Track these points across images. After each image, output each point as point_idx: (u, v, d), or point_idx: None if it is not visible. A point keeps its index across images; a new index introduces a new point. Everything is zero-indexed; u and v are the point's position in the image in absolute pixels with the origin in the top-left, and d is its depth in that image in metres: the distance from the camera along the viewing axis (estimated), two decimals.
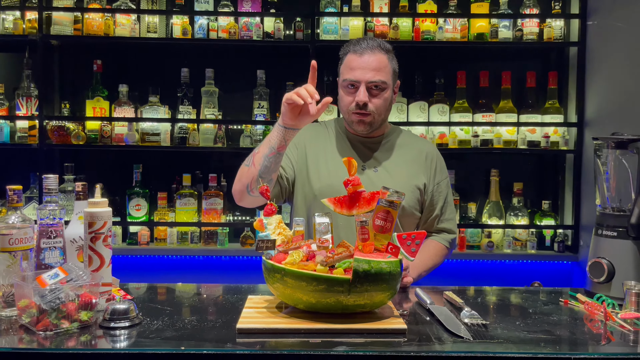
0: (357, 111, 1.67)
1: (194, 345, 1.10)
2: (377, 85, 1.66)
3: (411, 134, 1.92)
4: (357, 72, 1.66)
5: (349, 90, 1.69)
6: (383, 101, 1.69)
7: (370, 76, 1.65)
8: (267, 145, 1.57)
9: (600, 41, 2.73)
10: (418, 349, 1.09)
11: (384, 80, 1.67)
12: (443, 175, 1.82)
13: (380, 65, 1.67)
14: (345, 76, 1.68)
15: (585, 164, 2.80)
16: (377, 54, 1.67)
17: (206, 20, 2.83)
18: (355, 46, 1.69)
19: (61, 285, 1.18)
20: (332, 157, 1.76)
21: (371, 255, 1.22)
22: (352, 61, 1.68)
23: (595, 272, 1.49)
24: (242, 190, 1.63)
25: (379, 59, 1.67)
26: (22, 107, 2.78)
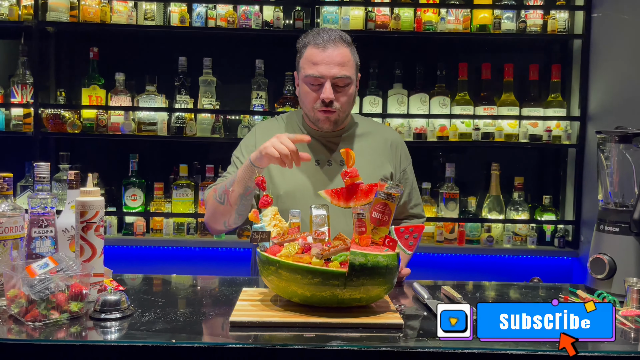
0: (322, 109, 1.61)
1: (186, 338, 1.08)
2: (342, 80, 1.60)
3: (373, 122, 1.87)
4: (321, 68, 1.58)
5: (313, 87, 1.61)
6: (348, 97, 1.63)
7: (336, 72, 1.58)
8: (242, 185, 1.51)
9: (605, 34, 2.69)
10: (414, 344, 1.07)
11: (349, 75, 1.60)
12: (407, 162, 1.81)
13: (344, 59, 1.60)
14: (308, 72, 1.60)
15: (588, 159, 2.77)
16: (340, 48, 1.60)
17: (204, 8, 2.79)
18: (317, 38, 1.61)
19: (51, 276, 1.16)
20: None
21: (368, 249, 1.20)
22: (315, 55, 1.59)
23: (597, 268, 1.46)
24: (219, 227, 1.64)
25: (343, 52, 1.60)
26: (17, 95, 2.75)
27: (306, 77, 1.61)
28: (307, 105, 1.65)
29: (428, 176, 2.91)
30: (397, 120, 2.84)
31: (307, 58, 1.62)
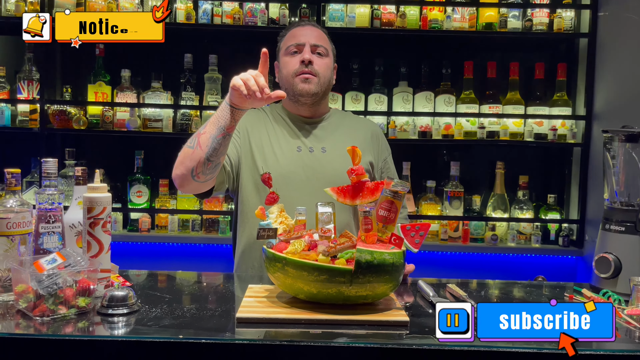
0: (302, 71, 1.68)
1: (193, 334, 1.08)
2: (319, 50, 1.71)
3: (353, 115, 1.92)
4: (301, 38, 1.71)
5: (293, 54, 1.71)
6: (326, 66, 1.72)
7: (315, 40, 1.71)
8: (214, 125, 1.45)
9: (611, 33, 2.68)
10: (420, 342, 1.07)
11: (326, 47, 1.73)
12: (388, 152, 1.86)
13: (322, 36, 1.75)
14: (289, 43, 1.72)
15: (593, 158, 2.76)
16: (318, 29, 1.76)
17: (210, 5, 2.79)
18: (297, 23, 1.80)
19: (59, 271, 1.17)
20: (276, 141, 1.72)
21: (374, 246, 1.20)
22: (295, 31, 1.74)
23: (602, 267, 1.46)
24: (186, 175, 1.50)
25: (320, 32, 1.76)
26: (24, 91, 2.76)
27: (287, 48, 1.72)
28: (287, 74, 1.72)
29: (432, 174, 2.91)
30: (402, 118, 2.84)
31: (288, 36, 1.75)
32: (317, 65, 1.69)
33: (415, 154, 2.91)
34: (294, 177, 1.65)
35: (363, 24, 2.78)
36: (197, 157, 1.47)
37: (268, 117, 1.79)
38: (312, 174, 1.66)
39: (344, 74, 2.90)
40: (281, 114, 1.79)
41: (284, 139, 1.73)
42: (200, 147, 1.47)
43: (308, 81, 1.68)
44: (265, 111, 1.81)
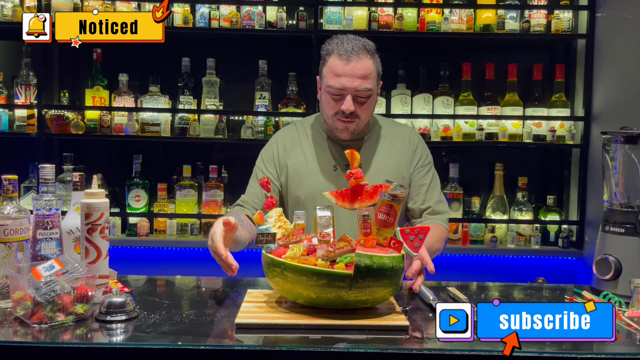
0: (342, 119, 1.63)
1: (192, 340, 1.08)
2: (363, 93, 1.61)
3: (393, 123, 1.87)
4: (343, 80, 1.59)
5: (334, 97, 1.63)
6: (368, 107, 1.65)
7: (358, 85, 1.59)
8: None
9: (609, 34, 2.69)
10: (420, 346, 1.07)
11: (370, 87, 1.62)
12: (422, 160, 1.80)
13: (367, 72, 1.61)
14: (330, 82, 1.61)
15: (592, 159, 2.76)
16: (363, 60, 1.60)
17: (208, 9, 2.79)
18: (340, 48, 1.61)
19: (56, 278, 1.16)
20: (312, 160, 1.72)
21: (373, 250, 1.20)
22: (337, 67, 1.60)
23: (602, 269, 1.46)
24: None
25: (366, 65, 1.61)
26: (21, 96, 2.75)
27: (328, 87, 1.62)
28: (327, 113, 1.67)
29: None
30: (400, 120, 2.83)
31: (330, 68, 1.62)
32: (358, 111, 1.63)
33: None
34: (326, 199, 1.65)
35: (360, 27, 2.78)
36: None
37: (306, 134, 1.78)
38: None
39: None
40: (320, 129, 1.77)
41: (321, 158, 1.73)
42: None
43: (347, 128, 1.65)
44: (303, 127, 1.81)
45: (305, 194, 1.70)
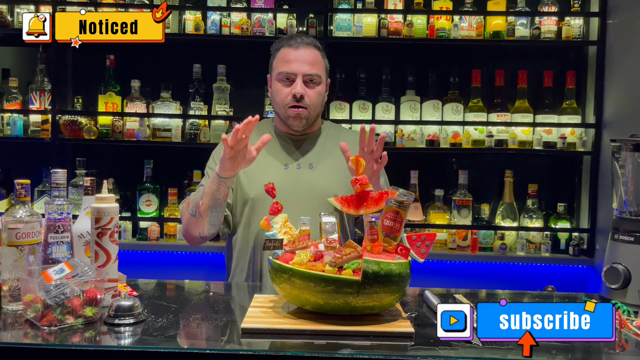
0: (293, 104, 1.68)
1: (198, 344, 1.09)
2: (312, 78, 1.69)
3: (343, 129, 1.94)
4: (293, 65, 1.68)
5: (285, 83, 1.70)
6: (318, 95, 1.71)
7: (307, 69, 1.68)
8: (210, 197, 1.56)
9: (621, 40, 2.67)
10: (425, 353, 1.07)
11: (319, 74, 1.71)
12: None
13: (316, 60, 1.71)
14: (281, 69, 1.70)
15: (603, 166, 2.74)
16: (311, 49, 1.71)
17: (219, 16, 2.82)
18: (290, 40, 1.72)
19: (66, 281, 1.18)
20: (263, 159, 1.72)
21: (380, 256, 1.20)
22: (288, 54, 1.70)
23: (611, 277, 1.45)
24: (195, 238, 1.67)
25: (314, 53, 1.71)
26: (36, 101, 2.80)
27: (279, 74, 1.70)
28: (279, 102, 1.72)
29: (441, 183, 2.90)
30: (410, 127, 2.84)
31: (280, 57, 1.72)
32: (308, 97, 1.69)
33: (423, 163, 2.90)
34: (280, 194, 1.64)
35: (370, 34, 2.79)
36: (201, 225, 1.62)
37: (256, 133, 1.78)
38: (299, 190, 1.69)
39: (352, 83, 2.91)
40: (270, 129, 1.81)
41: (271, 156, 1.75)
42: (201, 216, 1.60)
43: (299, 115, 1.70)
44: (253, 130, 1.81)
45: (256, 193, 1.70)
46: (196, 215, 1.61)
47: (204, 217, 1.60)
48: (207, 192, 1.57)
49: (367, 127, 1.55)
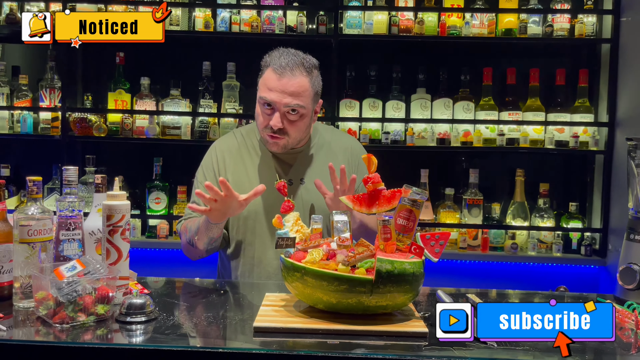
0: (270, 133, 1.60)
1: (210, 342, 1.09)
2: (294, 110, 1.58)
3: (333, 131, 1.86)
4: (273, 95, 1.56)
5: (264, 109, 1.60)
6: (298, 127, 1.61)
7: (288, 101, 1.56)
8: (205, 236, 1.58)
9: (634, 38, 2.64)
10: (440, 354, 1.05)
11: (302, 105, 1.58)
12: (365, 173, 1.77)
13: (300, 89, 1.57)
14: (262, 94, 1.59)
15: (616, 165, 2.71)
16: (297, 77, 1.57)
17: (228, 14, 2.81)
18: (276, 62, 1.59)
19: (78, 278, 1.18)
20: (254, 175, 1.70)
21: (394, 255, 1.19)
22: (270, 81, 1.58)
23: (626, 278, 1.43)
24: (195, 259, 1.72)
25: (299, 82, 1.57)
26: (46, 99, 2.80)
27: (260, 98, 1.61)
28: (259, 125, 1.66)
29: (451, 182, 2.88)
30: (420, 125, 2.82)
31: (264, 80, 1.61)
32: (287, 128, 1.60)
33: (434, 161, 2.89)
34: (272, 210, 1.63)
35: (381, 31, 2.78)
36: (199, 252, 1.67)
37: (245, 144, 1.75)
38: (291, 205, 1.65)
39: (362, 81, 2.90)
40: (259, 144, 1.74)
41: (262, 172, 1.70)
42: (198, 247, 1.64)
43: (277, 143, 1.62)
44: (243, 137, 1.77)
45: (249, 210, 1.64)
46: (194, 246, 1.64)
47: (201, 248, 1.63)
48: (200, 230, 1.58)
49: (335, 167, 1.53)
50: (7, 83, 2.84)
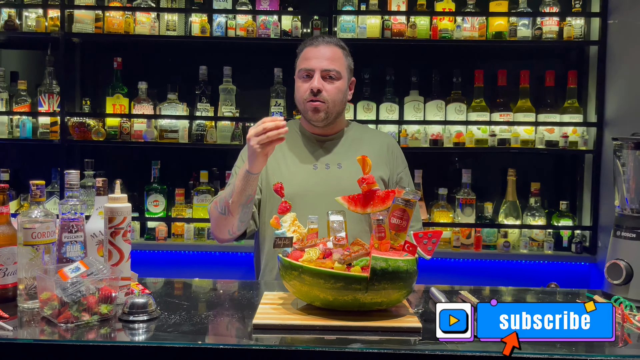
0: (311, 98, 1.70)
1: (211, 339, 1.12)
2: (330, 74, 1.71)
3: (370, 129, 1.95)
4: (312, 62, 1.71)
5: (304, 80, 1.73)
6: (337, 90, 1.72)
7: (325, 65, 1.70)
8: (242, 194, 1.58)
9: (621, 40, 2.69)
10: (433, 347, 1.09)
11: (338, 70, 1.72)
12: (403, 165, 1.87)
13: (335, 56, 1.73)
14: (301, 66, 1.73)
15: (605, 165, 2.76)
16: (332, 47, 1.74)
17: (224, 19, 2.85)
18: (312, 40, 1.76)
19: (82, 279, 1.21)
20: (292, 160, 1.76)
21: (388, 254, 1.23)
22: (308, 52, 1.74)
23: (613, 273, 1.47)
24: (225, 237, 1.70)
25: (334, 50, 1.74)
26: (44, 104, 2.83)
27: (299, 71, 1.74)
28: (299, 98, 1.75)
29: (444, 182, 2.93)
30: (413, 126, 2.87)
31: (302, 57, 1.76)
32: (326, 92, 1.70)
33: (427, 162, 2.93)
34: (310, 194, 1.69)
35: (374, 35, 2.82)
36: (230, 222, 1.64)
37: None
38: (328, 190, 1.68)
39: (356, 84, 2.93)
40: (298, 131, 1.83)
41: (300, 157, 1.78)
42: (231, 214, 1.62)
43: (317, 109, 1.71)
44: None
45: (288, 194, 1.68)
46: (226, 213, 1.63)
47: (234, 215, 1.62)
48: (237, 190, 1.59)
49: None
50: (6, 88, 2.86)
